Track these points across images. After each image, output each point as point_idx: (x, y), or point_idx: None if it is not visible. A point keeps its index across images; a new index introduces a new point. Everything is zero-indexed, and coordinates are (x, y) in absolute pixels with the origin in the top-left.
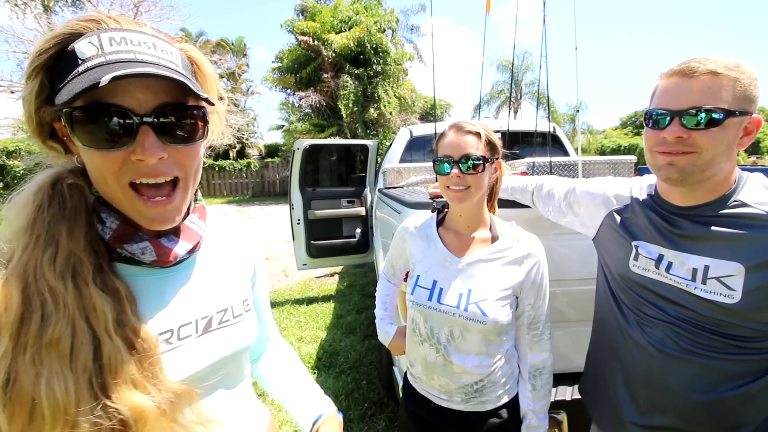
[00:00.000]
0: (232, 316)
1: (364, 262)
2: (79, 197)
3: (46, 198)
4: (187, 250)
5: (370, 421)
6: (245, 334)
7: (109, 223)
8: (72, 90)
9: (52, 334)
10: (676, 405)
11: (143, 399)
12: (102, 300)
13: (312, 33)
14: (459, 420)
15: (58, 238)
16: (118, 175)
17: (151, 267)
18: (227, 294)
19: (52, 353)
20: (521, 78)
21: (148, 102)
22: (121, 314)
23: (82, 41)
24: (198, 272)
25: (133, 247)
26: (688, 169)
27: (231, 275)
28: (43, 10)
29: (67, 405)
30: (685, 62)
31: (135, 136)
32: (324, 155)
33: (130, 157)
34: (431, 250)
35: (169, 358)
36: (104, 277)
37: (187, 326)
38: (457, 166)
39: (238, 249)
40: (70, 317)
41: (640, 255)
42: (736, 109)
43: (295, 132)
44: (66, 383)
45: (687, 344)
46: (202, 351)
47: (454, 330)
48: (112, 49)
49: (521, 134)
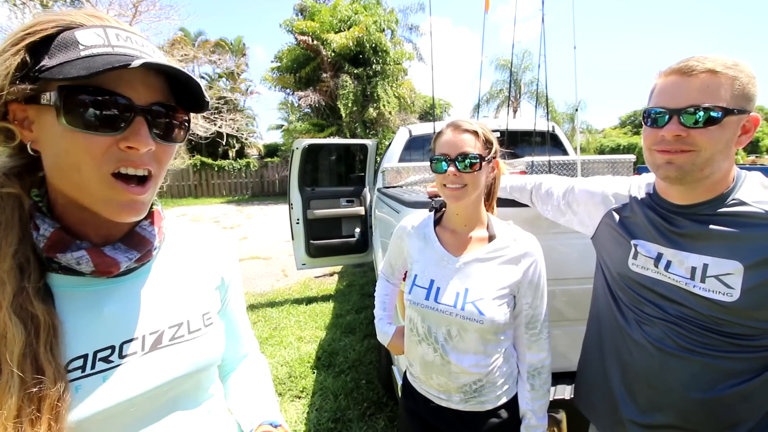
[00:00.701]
0: (187, 331)
1: (363, 261)
2: (13, 208)
3: None
4: (132, 259)
5: (369, 421)
6: (203, 350)
7: (43, 230)
8: (91, 66)
9: None
10: (675, 403)
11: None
12: (14, 327)
13: (311, 32)
14: (458, 420)
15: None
16: (100, 161)
17: (93, 277)
18: (183, 307)
19: None
20: (520, 77)
21: (146, 97)
22: (29, 345)
23: (86, 30)
24: (150, 283)
25: (67, 257)
26: (686, 167)
27: (191, 286)
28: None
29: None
30: (683, 61)
31: (129, 124)
32: (323, 155)
33: (118, 144)
34: (428, 250)
35: (109, 377)
36: (22, 300)
37: (132, 342)
38: (454, 165)
39: (204, 257)
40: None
41: (639, 254)
42: (735, 108)
43: (295, 132)
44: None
45: (686, 342)
46: (149, 370)
47: (451, 329)
48: (119, 43)
49: (520, 133)
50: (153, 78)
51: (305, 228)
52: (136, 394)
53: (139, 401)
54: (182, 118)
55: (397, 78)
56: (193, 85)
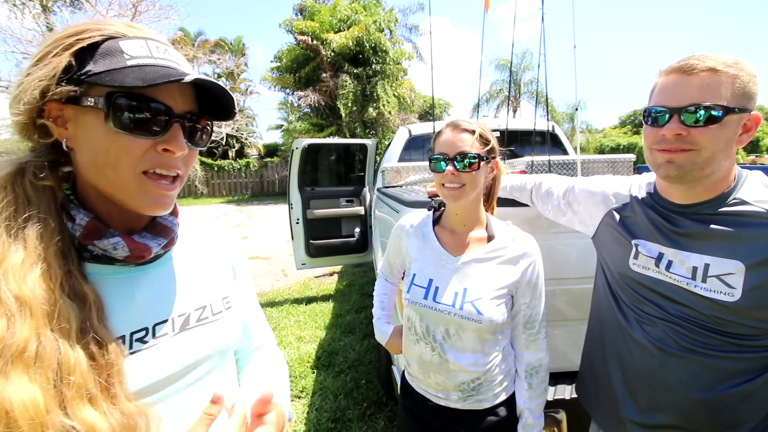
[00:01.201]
0: (211, 313)
1: (363, 261)
2: (49, 198)
3: (11, 202)
4: (161, 245)
5: (369, 421)
6: (226, 331)
7: (78, 220)
8: (147, 78)
9: (17, 345)
10: (676, 403)
11: (97, 417)
12: (67, 307)
13: (311, 32)
14: (457, 418)
15: (27, 244)
16: (138, 161)
17: (123, 265)
18: (205, 291)
19: (18, 363)
20: (520, 77)
21: (183, 106)
22: (85, 322)
23: (130, 41)
24: (174, 269)
25: (104, 243)
26: (687, 166)
27: (209, 272)
28: (41, 10)
29: (38, 415)
30: (684, 59)
31: (167, 130)
32: (323, 155)
33: (156, 147)
34: (427, 249)
35: (145, 356)
36: (72, 281)
37: (164, 324)
38: (452, 164)
39: (215, 247)
40: (35, 326)
41: (640, 253)
42: (735, 106)
43: (294, 131)
44: (34, 393)
45: (687, 342)
46: (180, 349)
47: (449, 328)
48: (159, 55)
49: (520, 133)
50: (188, 89)
51: (305, 228)
52: (170, 372)
53: (171, 378)
54: (207, 124)
55: (396, 78)
56: (226, 98)
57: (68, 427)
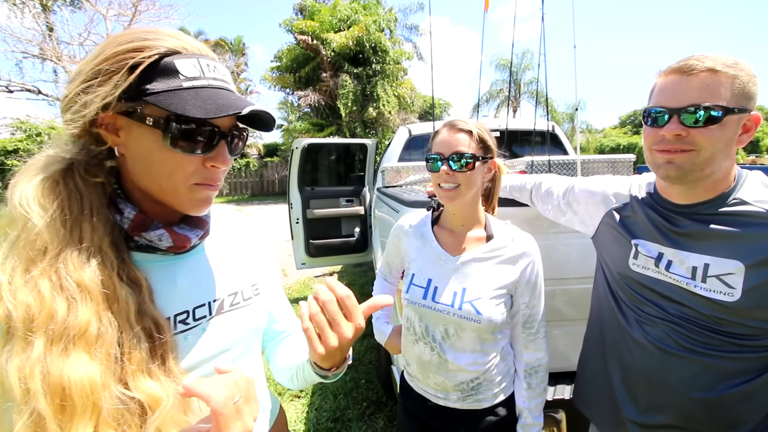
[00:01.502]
0: (242, 299)
1: (362, 261)
2: (99, 193)
3: (65, 196)
4: (198, 236)
5: (369, 420)
6: (256, 316)
7: (126, 213)
8: (209, 109)
9: (79, 327)
10: (676, 403)
11: (157, 388)
12: (125, 291)
13: (311, 32)
14: (456, 418)
15: (82, 235)
16: (190, 176)
17: (164, 254)
18: (236, 278)
19: (79, 344)
20: (520, 77)
21: (228, 123)
22: (142, 304)
23: (184, 60)
24: (207, 258)
25: (151, 235)
26: (686, 167)
27: (238, 261)
28: (41, 10)
29: (94, 391)
30: (683, 59)
31: (215, 147)
32: (323, 154)
33: (204, 163)
34: (426, 249)
35: (188, 336)
36: (126, 268)
37: (201, 308)
38: (447, 164)
39: (243, 238)
40: (95, 309)
41: (640, 253)
42: (735, 107)
43: (294, 131)
44: (93, 370)
45: (686, 342)
46: (217, 332)
47: (448, 328)
48: (211, 75)
49: (520, 133)
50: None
51: (305, 227)
52: (210, 353)
53: (211, 359)
54: (244, 136)
55: (396, 77)
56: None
57: (127, 398)
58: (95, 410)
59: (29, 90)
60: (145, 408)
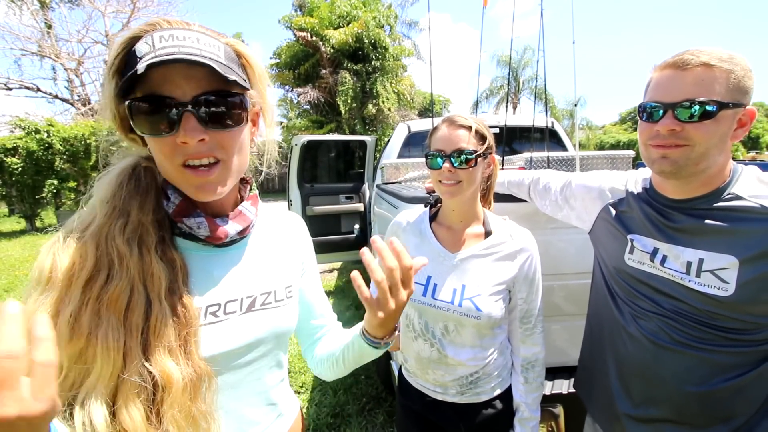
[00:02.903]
0: (274, 299)
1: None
2: (151, 178)
3: (126, 178)
4: (237, 231)
5: (368, 416)
6: (285, 318)
7: (173, 199)
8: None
9: (113, 292)
10: (670, 397)
11: (174, 367)
12: (159, 267)
13: (310, 29)
14: (454, 412)
15: (130, 210)
16: (172, 157)
17: (205, 244)
18: (272, 278)
19: (111, 308)
20: (520, 73)
21: (190, 91)
22: (174, 283)
23: (140, 42)
24: (247, 255)
25: (191, 221)
26: (681, 162)
27: (278, 261)
28: (39, 7)
29: (116, 355)
30: (678, 54)
31: (179, 122)
32: (322, 151)
33: (176, 141)
34: (425, 246)
35: (216, 329)
36: (164, 247)
37: (233, 303)
38: (449, 161)
39: (287, 239)
40: (130, 279)
41: (635, 248)
42: (730, 101)
43: (294, 128)
44: (119, 335)
45: (680, 336)
46: (244, 327)
47: (448, 325)
48: (161, 45)
49: (519, 129)
50: (195, 70)
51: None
52: (233, 346)
53: (233, 354)
54: (234, 100)
55: (396, 74)
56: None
57: (146, 372)
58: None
59: (28, 87)
60: (157, 385)
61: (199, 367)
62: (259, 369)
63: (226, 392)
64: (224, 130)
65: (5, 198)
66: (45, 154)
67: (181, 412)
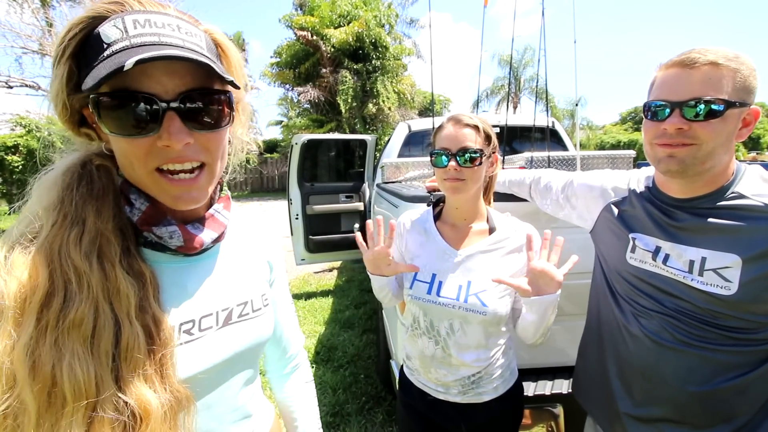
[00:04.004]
0: (251, 309)
1: (362, 257)
2: (108, 178)
3: (75, 178)
4: (212, 238)
5: (368, 415)
6: (263, 328)
7: (138, 205)
8: (97, 75)
9: (74, 315)
10: (671, 396)
11: (151, 395)
12: (127, 283)
13: (310, 28)
14: (456, 412)
15: (85, 217)
16: (145, 161)
17: (175, 255)
18: (247, 287)
19: (74, 335)
20: (521, 73)
21: (174, 87)
22: (144, 300)
23: (107, 24)
24: (220, 263)
25: (162, 230)
26: (688, 161)
27: (250, 268)
28: (40, 5)
29: (88, 388)
30: (684, 53)
31: (161, 122)
32: (322, 150)
33: (156, 143)
34: (430, 244)
35: (190, 348)
36: (130, 259)
37: (209, 317)
38: (455, 159)
39: (254, 242)
40: (93, 299)
41: (637, 247)
42: (736, 101)
43: (294, 127)
44: (87, 367)
45: (683, 336)
46: (222, 343)
47: (453, 323)
48: (137, 32)
49: (520, 129)
50: (177, 64)
51: (304, 223)
52: (210, 365)
53: (211, 372)
54: (222, 98)
55: (396, 74)
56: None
57: (122, 402)
58: (88, 411)
59: (29, 86)
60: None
61: (178, 391)
62: (236, 384)
63: (203, 413)
64: (210, 131)
65: (5, 196)
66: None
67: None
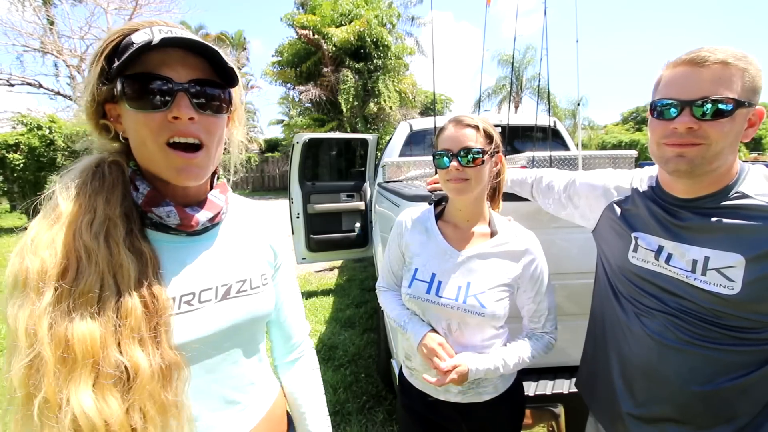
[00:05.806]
0: (250, 287)
1: (363, 256)
2: (118, 173)
3: (90, 175)
4: (208, 218)
5: (368, 414)
6: (261, 303)
7: (141, 190)
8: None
9: (83, 287)
10: (673, 396)
11: (142, 357)
12: (128, 259)
13: (312, 27)
14: (456, 412)
15: (96, 206)
16: (157, 134)
17: (177, 234)
18: (246, 266)
19: (83, 303)
20: (522, 73)
21: (186, 75)
22: (143, 274)
23: (138, 32)
24: (220, 243)
25: (160, 210)
26: (697, 161)
27: (251, 249)
28: (42, 3)
29: (93, 347)
30: (693, 51)
31: (173, 100)
32: (323, 149)
33: (167, 117)
34: (431, 243)
35: (190, 317)
36: (133, 239)
37: (208, 291)
38: (457, 159)
39: (258, 226)
40: (99, 273)
41: (640, 246)
42: (745, 100)
43: (295, 126)
44: (93, 330)
45: (685, 335)
46: (220, 314)
47: (451, 323)
48: (161, 35)
49: (521, 128)
50: (192, 59)
51: (305, 222)
52: (209, 332)
53: (210, 339)
54: (221, 92)
55: (398, 73)
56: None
57: (119, 362)
58: (94, 367)
59: (30, 84)
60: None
61: (169, 356)
62: (236, 353)
63: (204, 376)
64: (213, 115)
65: (7, 194)
66: (47, 151)
67: (150, 400)
